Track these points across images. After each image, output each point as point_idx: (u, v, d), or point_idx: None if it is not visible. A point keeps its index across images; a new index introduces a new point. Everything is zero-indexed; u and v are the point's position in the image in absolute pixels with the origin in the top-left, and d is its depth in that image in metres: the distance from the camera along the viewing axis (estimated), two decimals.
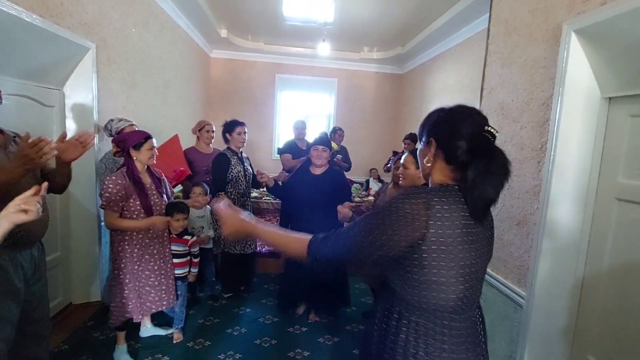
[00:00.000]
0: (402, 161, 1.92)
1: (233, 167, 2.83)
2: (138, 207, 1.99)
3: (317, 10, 4.34)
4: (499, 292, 1.97)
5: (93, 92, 2.55)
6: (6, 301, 1.41)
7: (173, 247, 2.33)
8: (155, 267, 2.12)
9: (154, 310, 2.14)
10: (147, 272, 2.09)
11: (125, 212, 1.98)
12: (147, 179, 2.08)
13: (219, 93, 6.16)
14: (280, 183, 2.80)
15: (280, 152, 3.81)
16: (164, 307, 2.19)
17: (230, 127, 2.88)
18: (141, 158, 2.01)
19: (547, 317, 1.70)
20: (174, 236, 2.34)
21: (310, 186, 2.54)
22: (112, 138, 2.37)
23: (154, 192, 2.09)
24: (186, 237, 2.38)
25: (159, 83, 3.89)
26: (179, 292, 2.37)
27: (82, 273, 2.68)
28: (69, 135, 2.50)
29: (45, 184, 1.17)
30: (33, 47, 2.05)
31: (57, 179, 1.65)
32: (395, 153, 3.91)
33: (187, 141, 3.37)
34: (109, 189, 1.90)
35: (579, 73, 1.55)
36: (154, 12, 3.61)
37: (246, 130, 2.94)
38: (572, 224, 1.64)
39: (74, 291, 2.69)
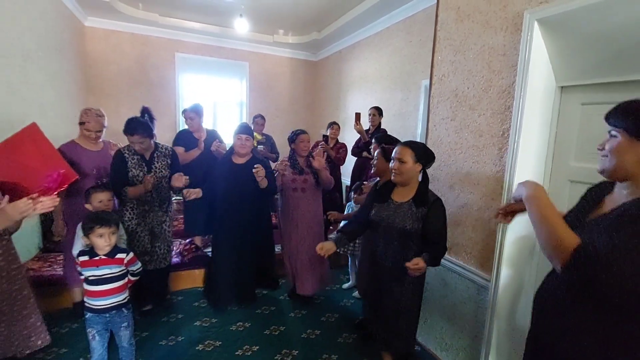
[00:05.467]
0: (395, 154, 1.72)
1: (130, 170, 2.29)
2: None
3: None
4: (460, 276, 2.01)
5: None
6: None
7: (102, 272, 1.77)
8: None
9: None
10: None
11: None
12: None
13: (100, 73, 4.97)
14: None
15: (173, 145, 3.05)
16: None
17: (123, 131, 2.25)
18: None
19: (513, 296, 1.79)
20: (103, 257, 1.76)
21: (234, 177, 2.44)
22: None
23: None
24: (119, 255, 1.81)
25: (14, 52, 2.83)
26: (124, 324, 1.86)
27: None
28: None
29: None
30: None
31: None
32: (325, 137, 3.75)
33: (63, 134, 2.50)
34: None
35: (539, 62, 1.61)
36: None
37: (141, 139, 2.24)
38: None
39: None
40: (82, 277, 1.79)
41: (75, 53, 4.42)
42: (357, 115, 3.42)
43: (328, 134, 3.80)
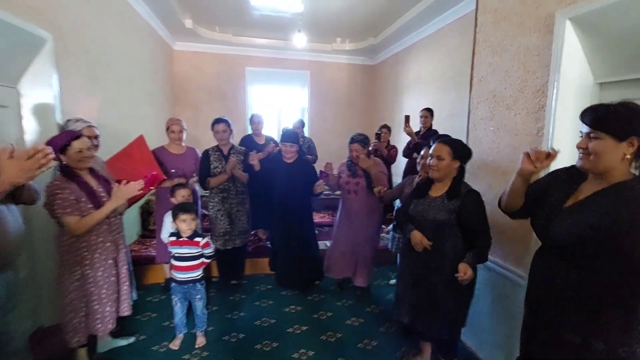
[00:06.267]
0: (433, 151, 1.80)
1: (212, 163, 2.87)
2: (91, 210, 1.80)
3: (287, 0, 4.21)
4: (497, 273, 2.03)
5: (54, 90, 2.27)
6: None
7: (184, 250, 2.25)
8: (112, 274, 1.95)
9: (110, 327, 1.96)
10: (111, 279, 1.94)
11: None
12: (92, 181, 1.89)
13: (186, 89, 5.82)
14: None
15: None
16: (115, 317, 2.02)
17: (212, 125, 2.92)
18: (70, 162, 1.78)
19: None
20: (185, 239, 2.23)
21: (285, 173, 2.92)
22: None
23: (102, 193, 1.90)
24: (197, 239, 2.26)
25: (122, 78, 3.57)
26: (198, 296, 2.34)
27: (52, 292, 2.39)
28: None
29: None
30: None
31: (24, 195, 1.44)
32: (378, 135, 3.89)
33: (157, 142, 3.09)
34: (57, 195, 1.70)
35: (573, 60, 1.60)
36: None
37: (225, 128, 2.87)
38: None
39: (43, 313, 2.40)
40: (171, 254, 2.28)
41: (166, 74, 5.29)
42: (407, 118, 3.52)
43: (380, 132, 3.96)
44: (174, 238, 2.27)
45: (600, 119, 1.06)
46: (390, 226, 3.04)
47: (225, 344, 2.36)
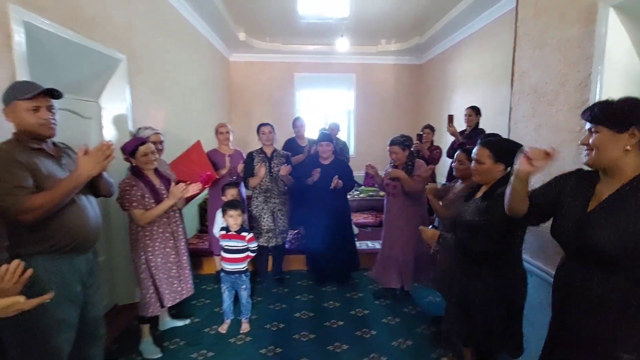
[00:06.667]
0: (474, 154, 1.73)
1: (255, 165, 3.09)
2: (153, 205, 2.11)
3: (332, 6, 4.35)
4: (538, 277, 1.93)
5: (127, 103, 2.67)
6: (67, 305, 1.51)
7: (232, 243, 2.49)
8: (169, 260, 2.22)
9: (171, 303, 2.24)
10: (168, 265, 2.22)
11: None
12: (156, 180, 2.19)
13: (240, 96, 6.28)
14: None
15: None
16: (182, 297, 2.31)
17: (257, 128, 3.20)
18: (138, 164, 2.11)
19: None
20: (233, 233, 2.48)
21: (322, 173, 3.05)
22: None
23: (163, 191, 2.19)
24: (243, 233, 2.50)
25: (185, 90, 4.00)
26: (243, 286, 2.57)
27: (125, 275, 2.81)
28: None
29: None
30: (69, 61, 2.16)
31: (101, 188, 1.74)
32: (419, 136, 3.83)
33: (213, 146, 3.41)
34: (127, 191, 2.04)
35: (619, 50, 1.49)
36: (175, 19, 3.72)
37: (270, 130, 3.13)
38: None
39: (119, 293, 2.83)
40: (221, 247, 2.54)
41: (223, 83, 5.77)
42: (450, 118, 3.44)
43: (422, 133, 3.90)
44: (224, 232, 2.52)
45: (598, 112, 1.06)
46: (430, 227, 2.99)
47: (266, 332, 2.55)
